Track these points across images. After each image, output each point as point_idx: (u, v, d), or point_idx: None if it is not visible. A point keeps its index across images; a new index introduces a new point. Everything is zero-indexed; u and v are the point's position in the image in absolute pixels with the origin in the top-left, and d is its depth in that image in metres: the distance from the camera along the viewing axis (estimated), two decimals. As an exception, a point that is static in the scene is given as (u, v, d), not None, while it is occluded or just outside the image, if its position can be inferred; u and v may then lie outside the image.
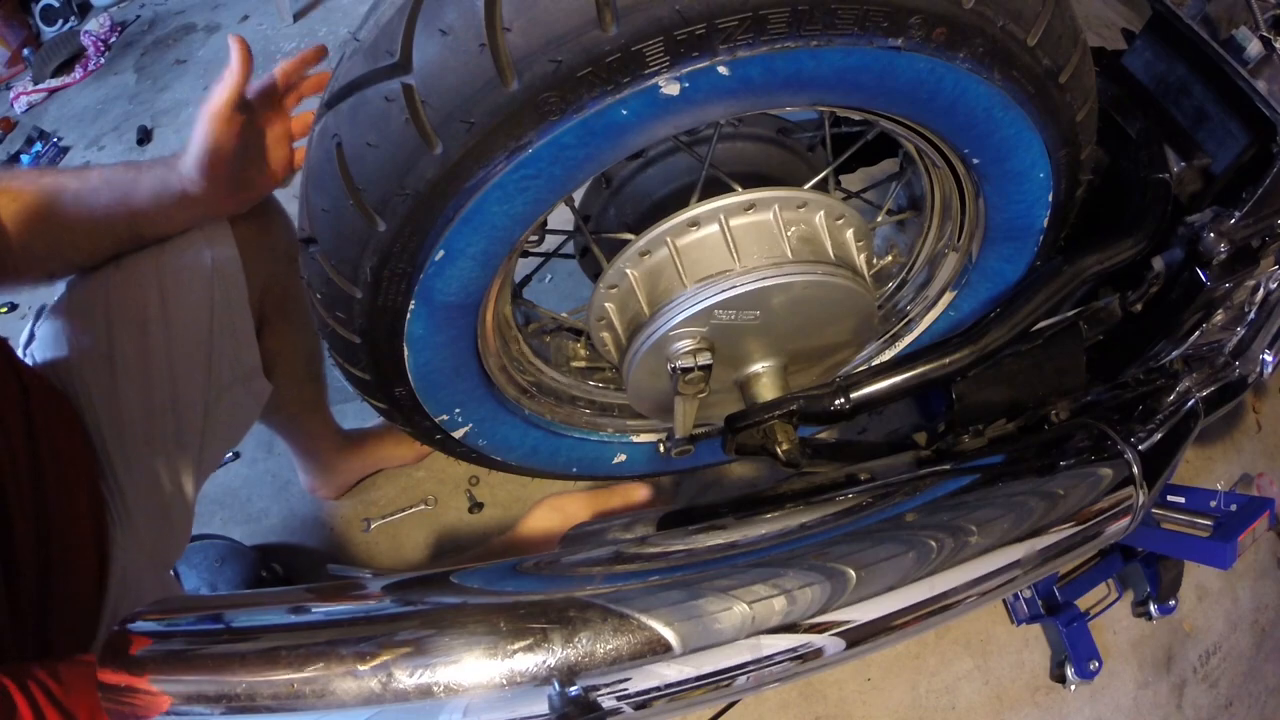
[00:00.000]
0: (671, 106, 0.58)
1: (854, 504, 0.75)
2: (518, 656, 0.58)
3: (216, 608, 0.65)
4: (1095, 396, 1.01)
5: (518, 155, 0.58)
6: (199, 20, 2.59)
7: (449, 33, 0.53)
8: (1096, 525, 0.79)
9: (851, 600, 0.65)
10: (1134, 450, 0.83)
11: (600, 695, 0.59)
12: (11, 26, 2.60)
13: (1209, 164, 0.86)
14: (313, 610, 0.64)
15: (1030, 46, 0.61)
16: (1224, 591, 1.30)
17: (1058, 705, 1.20)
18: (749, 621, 0.62)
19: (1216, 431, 1.43)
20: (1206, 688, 1.23)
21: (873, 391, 0.82)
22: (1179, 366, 1.02)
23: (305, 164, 0.66)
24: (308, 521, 1.39)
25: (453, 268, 0.66)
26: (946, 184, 0.86)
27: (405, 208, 0.60)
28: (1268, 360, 1.05)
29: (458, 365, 0.81)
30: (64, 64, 2.52)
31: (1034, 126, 0.69)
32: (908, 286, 1.02)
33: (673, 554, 0.68)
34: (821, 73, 0.59)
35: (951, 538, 0.71)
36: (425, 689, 0.57)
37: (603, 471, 1.10)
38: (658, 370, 0.79)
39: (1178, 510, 1.10)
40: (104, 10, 2.72)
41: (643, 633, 0.60)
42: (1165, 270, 0.89)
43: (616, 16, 0.51)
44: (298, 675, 0.56)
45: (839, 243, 0.79)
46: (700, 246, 0.75)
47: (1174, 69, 0.87)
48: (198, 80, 2.35)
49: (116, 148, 2.20)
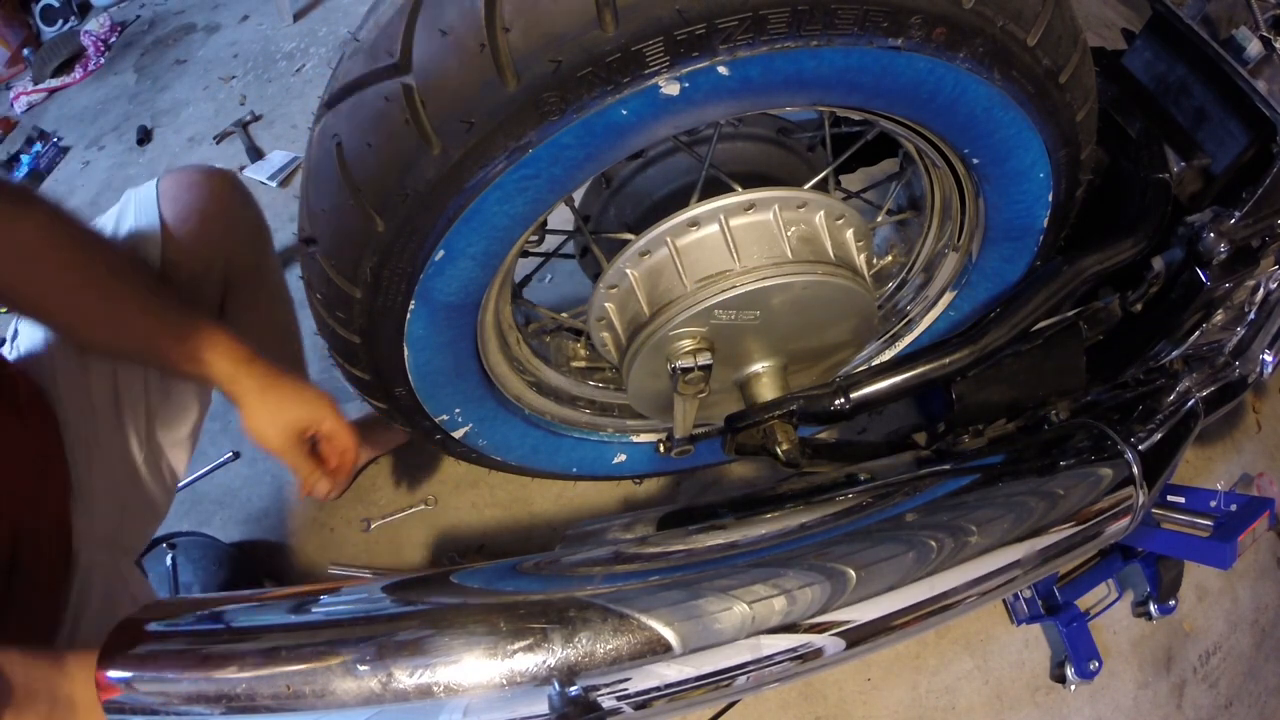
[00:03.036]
0: (671, 106, 0.58)
1: (854, 504, 0.75)
2: (518, 656, 0.58)
3: (217, 608, 0.65)
4: (1095, 396, 1.01)
5: (518, 155, 0.58)
6: (199, 20, 2.59)
7: (449, 33, 0.53)
8: (1096, 525, 0.79)
9: (851, 600, 0.66)
10: (1134, 450, 0.83)
11: (600, 695, 0.59)
12: (11, 26, 2.60)
13: (1209, 164, 0.86)
14: (313, 610, 0.64)
15: (1030, 47, 0.61)
16: (1224, 591, 1.30)
17: (1058, 705, 1.20)
18: (749, 621, 0.62)
19: (1216, 431, 1.43)
20: (1206, 688, 1.23)
21: (873, 391, 0.82)
22: (1179, 366, 1.02)
23: (305, 164, 0.66)
24: (308, 522, 1.39)
25: (453, 268, 0.66)
26: (946, 184, 0.86)
27: (405, 208, 0.60)
28: (1268, 360, 1.05)
29: (458, 365, 0.81)
30: (64, 64, 2.52)
31: (1034, 126, 0.69)
32: (908, 286, 1.02)
33: (673, 554, 0.68)
34: (821, 73, 0.59)
35: (951, 538, 0.71)
36: (425, 689, 0.57)
37: (603, 471, 1.10)
38: (658, 370, 0.79)
39: (1178, 510, 1.10)
40: (104, 10, 2.72)
41: (643, 633, 0.60)
42: (1165, 270, 0.89)
43: (616, 17, 0.51)
44: (298, 675, 0.56)
45: (839, 243, 0.79)
46: (700, 246, 0.75)
47: (1174, 69, 0.87)
48: (198, 80, 2.35)
49: (116, 147, 2.20)
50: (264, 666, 0.57)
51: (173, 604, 0.69)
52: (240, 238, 0.94)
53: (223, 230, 0.91)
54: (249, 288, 0.98)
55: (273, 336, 1.07)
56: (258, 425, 0.80)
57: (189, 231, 0.87)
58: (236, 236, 0.93)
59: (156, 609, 0.65)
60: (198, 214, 0.88)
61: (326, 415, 0.83)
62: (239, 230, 0.94)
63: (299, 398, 0.81)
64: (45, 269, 0.71)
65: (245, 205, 0.96)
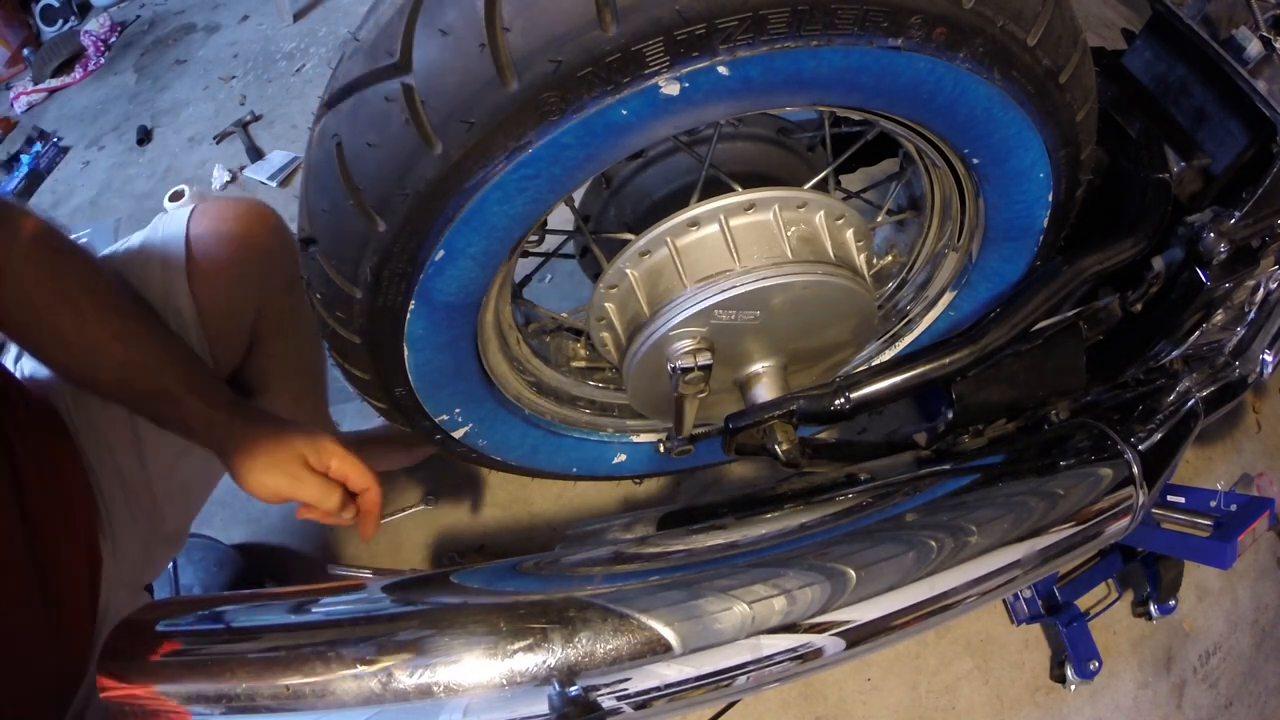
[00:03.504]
0: (671, 106, 0.58)
1: (854, 504, 0.75)
2: (518, 656, 0.58)
3: (217, 608, 0.65)
4: (1095, 396, 1.01)
5: (518, 155, 0.58)
6: (199, 20, 2.59)
7: (449, 33, 0.53)
8: (1096, 525, 0.79)
9: (851, 600, 0.66)
10: (1134, 450, 0.83)
11: (600, 695, 0.59)
12: (11, 26, 2.60)
13: (1209, 164, 0.86)
14: (313, 610, 0.64)
15: (1030, 47, 0.61)
16: (1224, 591, 1.30)
17: (1058, 705, 1.20)
18: (749, 621, 0.62)
19: (1216, 431, 1.43)
20: (1206, 688, 1.23)
21: (873, 391, 0.82)
22: (1179, 366, 1.02)
23: (305, 164, 0.66)
24: (308, 522, 1.39)
25: (453, 268, 0.66)
26: (946, 184, 0.86)
27: (405, 208, 0.60)
28: (1268, 360, 1.05)
29: (458, 365, 0.81)
30: (64, 64, 2.52)
31: (1034, 126, 0.69)
32: (908, 286, 1.02)
33: (673, 554, 0.69)
34: (821, 73, 0.59)
35: (951, 538, 0.71)
36: (425, 689, 0.57)
37: (603, 471, 1.10)
38: (658, 370, 0.79)
39: (1178, 510, 1.10)
40: (104, 10, 2.72)
41: (643, 633, 0.60)
42: (1165, 270, 0.89)
43: (616, 16, 0.51)
44: (298, 675, 0.56)
45: (839, 243, 0.79)
46: (700, 246, 0.75)
47: (1174, 69, 0.87)
48: (198, 80, 2.35)
49: (116, 147, 2.21)
50: (264, 666, 0.57)
51: (173, 604, 0.69)
52: (274, 285, 0.88)
53: (256, 276, 0.85)
54: (280, 336, 0.93)
55: (299, 383, 1.01)
56: (247, 477, 0.72)
57: (217, 273, 0.81)
58: (269, 284, 0.87)
59: (157, 609, 0.65)
60: (228, 258, 0.82)
61: (332, 455, 0.75)
62: (273, 277, 0.87)
63: (294, 440, 0.73)
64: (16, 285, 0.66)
65: (283, 249, 0.88)
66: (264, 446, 0.72)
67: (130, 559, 0.81)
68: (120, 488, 0.80)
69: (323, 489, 0.74)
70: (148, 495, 0.83)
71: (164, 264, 0.80)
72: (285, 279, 0.89)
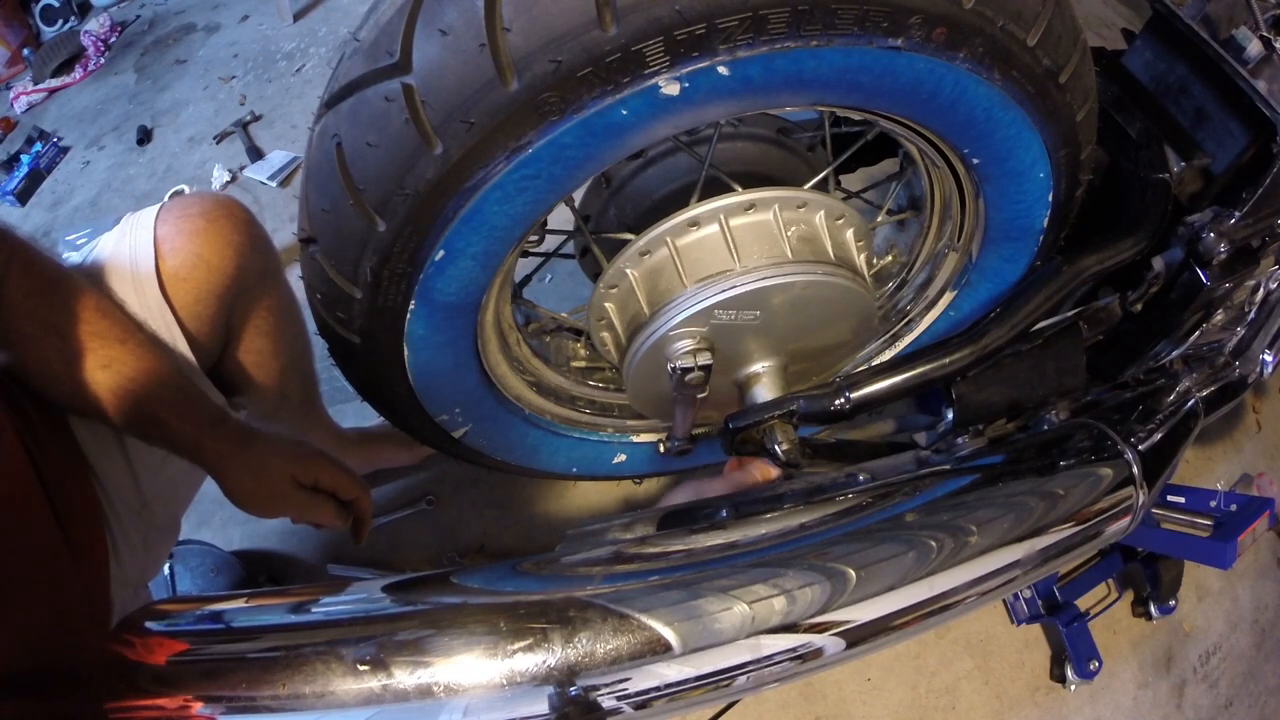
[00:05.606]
0: (671, 106, 0.58)
1: (854, 504, 0.75)
2: (518, 656, 0.58)
3: (216, 608, 0.65)
4: (1095, 396, 1.01)
5: (518, 155, 0.58)
6: (199, 20, 2.58)
7: (449, 33, 0.53)
8: (1096, 525, 0.79)
9: (851, 600, 0.66)
10: (1134, 450, 0.83)
11: (600, 695, 0.59)
12: (11, 26, 2.60)
13: (1209, 164, 0.86)
14: (313, 610, 0.64)
15: (1030, 47, 0.61)
16: (1224, 591, 1.30)
17: (1058, 705, 1.20)
18: (749, 621, 0.62)
19: (1216, 431, 1.43)
20: (1206, 688, 1.23)
21: (873, 391, 0.82)
22: (1179, 366, 1.02)
23: (305, 164, 0.66)
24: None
25: (453, 268, 0.66)
26: (946, 184, 0.86)
27: (405, 208, 0.60)
28: (1268, 360, 1.05)
29: (458, 365, 0.81)
30: (64, 64, 2.51)
31: (1034, 126, 0.69)
32: (908, 286, 1.02)
33: (673, 554, 0.68)
34: (821, 73, 0.59)
35: (951, 538, 0.71)
36: (425, 689, 0.57)
37: (603, 471, 1.10)
38: (658, 370, 0.79)
39: (1178, 510, 1.10)
40: (104, 10, 2.71)
41: (643, 633, 0.60)
42: (1165, 270, 0.89)
43: (616, 16, 0.51)
44: (298, 675, 0.56)
45: (839, 243, 0.79)
46: (700, 246, 0.75)
47: (1174, 69, 0.87)
48: (198, 80, 2.35)
49: (116, 147, 2.20)
50: (263, 666, 0.57)
51: (172, 604, 0.69)
52: (246, 279, 0.86)
53: (225, 269, 0.83)
54: (257, 330, 0.91)
55: (281, 377, 0.99)
56: (238, 498, 0.72)
57: (186, 270, 0.80)
58: (241, 277, 0.85)
59: (156, 609, 0.65)
60: (195, 253, 0.80)
61: (320, 469, 0.76)
62: (244, 270, 0.86)
63: (281, 459, 0.73)
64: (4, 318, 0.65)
65: (251, 242, 0.86)
66: (251, 468, 0.72)
67: (129, 556, 0.81)
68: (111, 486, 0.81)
69: (313, 504, 0.76)
70: (135, 495, 0.83)
71: (134, 265, 0.80)
72: (257, 271, 0.88)
